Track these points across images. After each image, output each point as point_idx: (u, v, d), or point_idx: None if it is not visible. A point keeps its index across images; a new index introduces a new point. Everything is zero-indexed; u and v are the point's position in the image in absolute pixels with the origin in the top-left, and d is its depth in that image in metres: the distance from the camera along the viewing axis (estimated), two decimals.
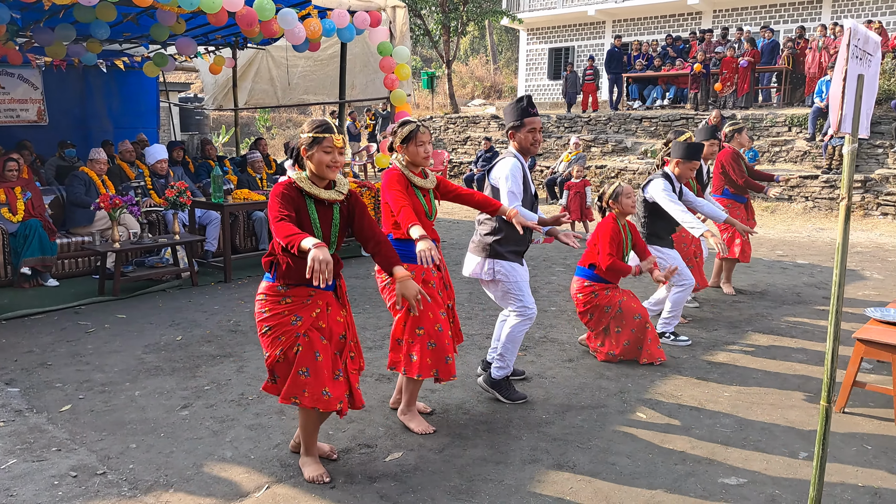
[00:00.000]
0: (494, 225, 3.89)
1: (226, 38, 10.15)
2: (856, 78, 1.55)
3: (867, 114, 1.66)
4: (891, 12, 17.55)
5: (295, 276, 2.93)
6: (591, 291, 4.66)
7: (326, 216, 2.99)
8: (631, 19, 21.96)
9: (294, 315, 2.93)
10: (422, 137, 3.48)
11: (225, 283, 7.04)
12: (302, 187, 2.93)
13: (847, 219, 1.62)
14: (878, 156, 12.10)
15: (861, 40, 1.58)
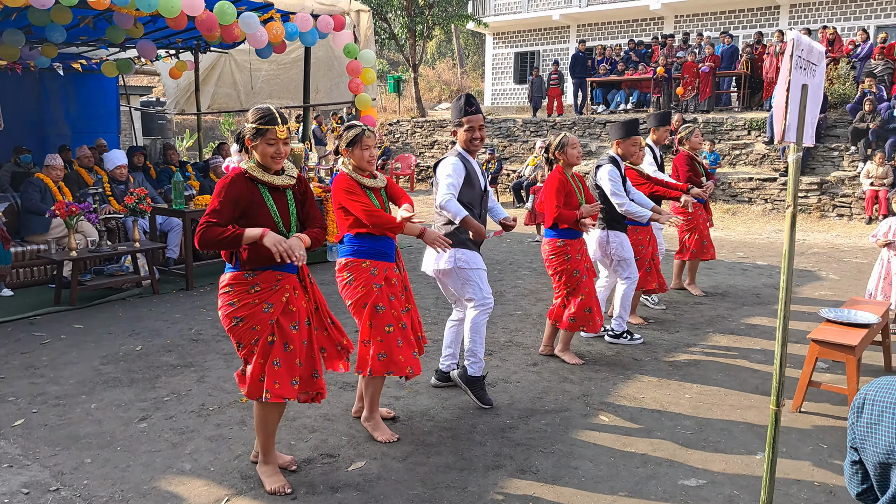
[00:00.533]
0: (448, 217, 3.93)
1: (187, 42, 10.00)
2: (800, 87, 1.59)
3: (812, 122, 1.69)
4: (845, 18, 18.04)
5: (259, 259, 2.92)
6: (564, 253, 4.65)
7: (282, 202, 2.99)
8: (595, 24, 22.21)
9: (265, 303, 2.91)
10: (367, 142, 3.48)
11: (187, 290, 6.92)
12: (255, 176, 2.91)
13: (793, 226, 1.65)
14: (834, 158, 12.42)
15: (805, 50, 1.61)
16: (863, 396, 1.54)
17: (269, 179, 2.94)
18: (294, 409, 3.95)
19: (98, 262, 6.80)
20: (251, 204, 2.90)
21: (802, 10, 18.69)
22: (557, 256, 4.67)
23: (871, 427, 1.49)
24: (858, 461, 1.56)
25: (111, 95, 11.92)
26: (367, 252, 3.49)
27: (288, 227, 3.00)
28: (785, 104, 1.56)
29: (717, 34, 16.91)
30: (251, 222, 2.90)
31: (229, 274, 2.97)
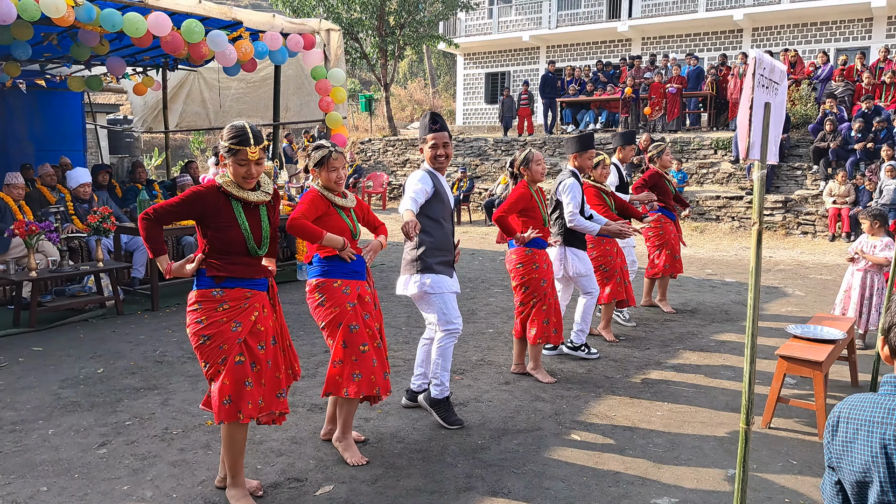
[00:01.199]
0: (417, 241, 3.90)
1: (154, 59, 9.89)
2: (763, 106, 1.60)
3: (775, 140, 1.71)
4: (805, 42, 18.57)
5: (230, 272, 2.89)
6: (532, 262, 4.63)
7: (254, 218, 2.95)
8: (564, 45, 22.55)
9: (234, 321, 2.87)
10: (333, 163, 3.43)
11: (152, 311, 6.77)
12: (230, 191, 2.88)
13: (759, 243, 1.66)
14: (798, 177, 12.70)
15: (766, 69, 1.63)
16: (837, 415, 1.53)
17: (244, 195, 2.91)
18: (260, 433, 3.85)
19: (59, 282, 6.63)
20: (221, 218, 2.86)
21: (765, 34, 19.20)
22: (525, 265, 4.65)
23: (846, 446, 1.48)
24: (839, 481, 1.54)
25: (76, 113, 11.69)
26: (338, 271, 3.42)
27: (259, 244, 2.96)
28: (748, 122, 1.57)
29: (683, 56, 17.27)
30: (220, 235, 2.87)
31: (197, 291, 2.91)
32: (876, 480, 1.40)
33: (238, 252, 2.91)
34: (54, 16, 6.08)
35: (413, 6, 18.76)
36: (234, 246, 2.89)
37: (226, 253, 2.90)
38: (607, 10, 21.73)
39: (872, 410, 1.45)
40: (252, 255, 2.96)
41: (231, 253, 2.90)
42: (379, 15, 18.73)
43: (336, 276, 3.42)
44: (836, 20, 18.16)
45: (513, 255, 4.74)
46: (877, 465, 1.40)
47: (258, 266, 3.02)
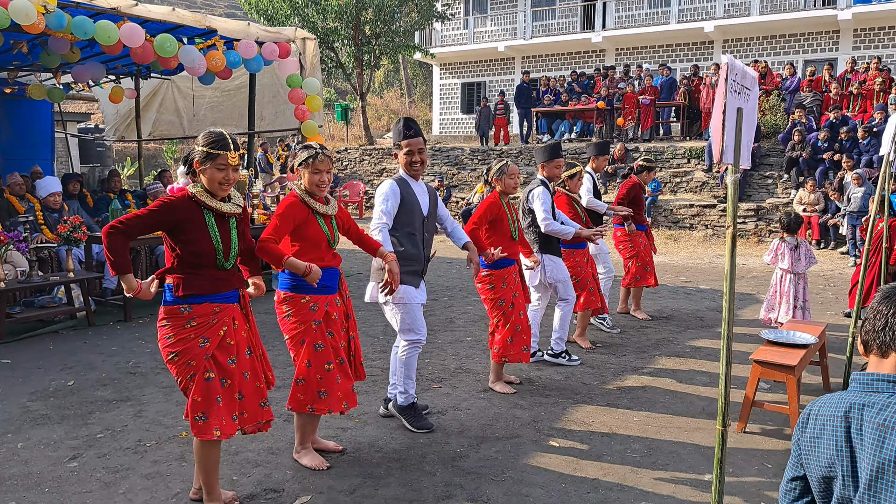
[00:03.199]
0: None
1: (127, 68, 9.78)
2: (735, 111, 1.63)
3: (748, 145, 1.74)
4: (775, 53, 18.95)
5: (197, 286, 2.82)
6: (489, 283, 4.59)
7: (225, 229, 2.90)
8: (539, 56, 22.74)
9: (201, 337, 2.81)
10: (319, 165, 3.34)
11: (125, 322, 6.66)
12: (202, 201, 2.83)
13: (733, 246, 1.68)
14: (769, 186, 12.92)
15: (739, 75, 1.66)
16: (808, 411, 1.56)
17: (217, 206, 2.86)
18: (236, 443, 3.80)
19: (28, 293, 6.49)
20: (192, 228, 2.80)
21: (735, 45, 19.56)
22: (483, 285, 4.63)
23: (813, 441, 1.51)
24: (800, 478, 1.57)
25: (45, 122, 11.49)
26: (307, 286, 3.33)
27: (227, 256, 2.91)
28: (722, 126, 1.60)
29: (656, 66, 17.52)
30: (191, 247, 2.82)
31: (165, 307, 2.86)
32: (839, 474, 1.43)
33: (207, 265, 2.85)
34: (24, 23, 5.98)
35: (389, 16, 18.80)
36: (203, 258, 2.83)
37: (194, 266, 2.83)
38: (581, 21, 21.98)
39: (838, 405, 1.48)
40: (220, 268, 2.89)
41: (200, 266, 2.84)
42: (354, 24, 18.74)
43: (304, 290, 3.35)
44: (804, 32, 18.57)
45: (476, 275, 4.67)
46: (840, 459, 1.43)
47: (227, 279, 2.94)
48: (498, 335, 4.65)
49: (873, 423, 1.39)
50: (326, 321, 3.41)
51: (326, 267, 3.41)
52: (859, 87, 13.26)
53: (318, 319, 3.37)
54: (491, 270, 4.59)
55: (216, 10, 61.17)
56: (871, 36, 17.82)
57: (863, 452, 1.41)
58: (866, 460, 1.39)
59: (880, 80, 13.07)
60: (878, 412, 1.40)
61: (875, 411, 1.40)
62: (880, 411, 1.39)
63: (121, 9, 6.97)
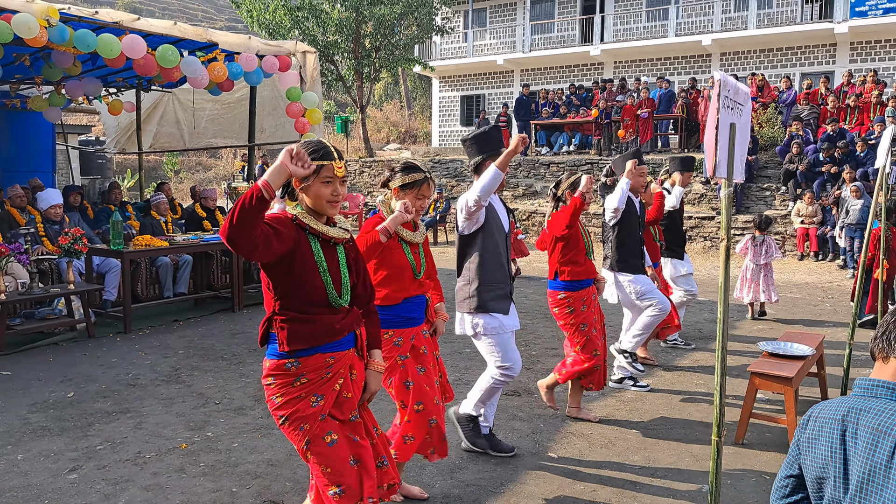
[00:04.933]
0: (469, 275, 3.60)
1: (128, 80, 9.84)
2: (728, 126, 1.66)
3: (741, 159, 1.77)
4: (772, 66, 19.08)
5: (305, 339, 2.34)
6: (567, 306, 4.28)
7: (332, 258, 2.41)
8: (538, 69, 22.88)
9: (313, 395, 2.36)
10: (426, 191, 3.12)
11: (125, 333, 6.67)
12: (307, 224, 2.34)
13: (727, 259, 1.71)
14: (766, 198, 12.97)
15: (731, 91, 1.70)
16: (809, 413, 1.60)
17: (324, 229, 2.36)
18: (236, 455, 3.81)
19: (28, 305, 6.51)
20: (297, 259, 2.31)
21: (732, 58, 19.69)
22: (560, 310, 4.31)
23: (811, 442, 1.54)
24: (793, 476, 1.61)
25: (46, 134, 11.54)
26: (390, 321, 3.07)
27: (340, 291, 2.40)
28: (715, 142, 1.63)
29: (654, 79, 17.62)
30: (295, 284, 2.33)
31: (269, 361, 2.39)
32: (831, 475, 1.46)
33: (317, 305, 2.35)
34: (27, 36, 6.03)
35: (389, 29, 18.93)
36: (311, 297, 2.34)
37: (301, 309, 2.34)
38: (580, 35, 22.13)
39: (838, 409, 1.51)
40: (333, 308, 2.39)
41: (308, 308, 2.34)
42: (354, 38, 18.87)
43: (388, 325, 3.06)
44: (801, 45, 18.71)
45: (548, 298, 4.42)
46: (833, 460, 1.46)
47: (342, 321, 2.43)
48: (575, 356, 4.32)
49: (868, 428, 1.42)
50: (415, 355, 3.13)
51: (410, 297, 3.13)
52: (856, 100, 13.34)
53: (404, 354, 3.11)
54: (568, 293, 4.28)
55: (217, 23, 61.58)
56: (867, 49, 17.95)
57: (855, 456, 1.44)
58: (858, 464, 1.42)
59: (877, 92, 13.15)
60: (873, 417, 1.43)
61: (871, 416, 1.43)
62: (876, 416, 1.42)
63: (123, 23, 7.04)
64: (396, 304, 3.08)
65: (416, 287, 3.16)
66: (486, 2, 23.79)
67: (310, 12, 18.16)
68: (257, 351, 6.03)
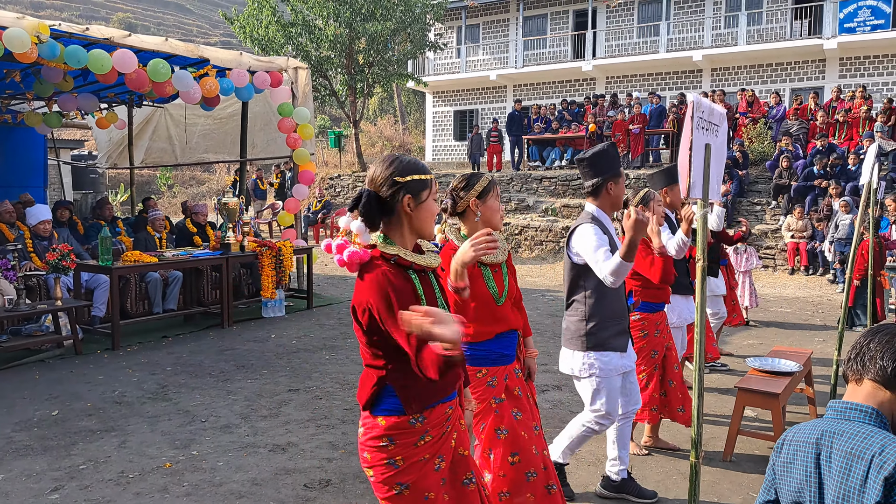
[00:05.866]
0: (584, 310, 3.21)
1: (120, 96, 9.86)
2: (703, 147, 1.67)
3: (717, 179, 1.78)
4: (762, 82, 19.24)
5: (430, 393, 1.97)
6: (641, 328, 3.98)
7: (430, 291, 2.04)
8: (530, 84, 23.01)
9: (437, 457, 2.00)
10: (498, 191, 2.83)
11: (113, 350, 6.62)
12: (410, 261, 1.98)
13: (703, 279, 1.71)
14: (757, 212, 13.03)
15: (706, 112, 1.71)
16: (784, 437, 1.59)
17: (426, 262, 2.02)
18: (221, 474, 3.78)
19: (15, 321, 6.46)
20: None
21: (723, 74, 19.86)
22: (634, 332, 3.88)
23: (786, 466, 1.53)
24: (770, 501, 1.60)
25: (38, 149, 11.52)
26: (484, 357, 2.76)
27: None
28: (689, 163, 1.64)
29: (646, 95, 17.74)
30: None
31: (386, 419, 1.96)
32: (807, 500, 1.45)
33: None
34: (18, 52, 6.04)
35: (382, 45, 19.03)
36: None
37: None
38: (572, 51, 22.30)
39: (811, 432, 1.50)
40: None
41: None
42: (348, 53, 18.95)
43: (480, 363, 2.76)
44: (790, 61, 18.88)
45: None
46: (809, 484, 1.46)
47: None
48: (646, 391, 4.03)
49: (842, 451, 1.42)
50: (509, 398, 2.80)
51: (503, 332, 2.80)
52: (845, 115, 13.46)
53: (499, 397, 2.77)
54: (644, 314, 3.98)
55: (212, 38, 61.81)
56: (856, 64, 18.13)
57: (830, 479, 1.43)
58: (832, 487, 1.42)
59: (865, 108, 13.27)
60: (847, 440, 1.42)
61: (845, 439, 1.43)
62: (849, 439, 1.42)
63: (114, 39, 7.06)
64: (489, 339, 2.76)
65: (507, 319, 2.81)
66: (479, 18, 23.97)
67: (303, 28, 18.25)
68: (246, 368, 6.00)
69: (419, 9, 19.07)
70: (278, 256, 8.07)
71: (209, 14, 66.18)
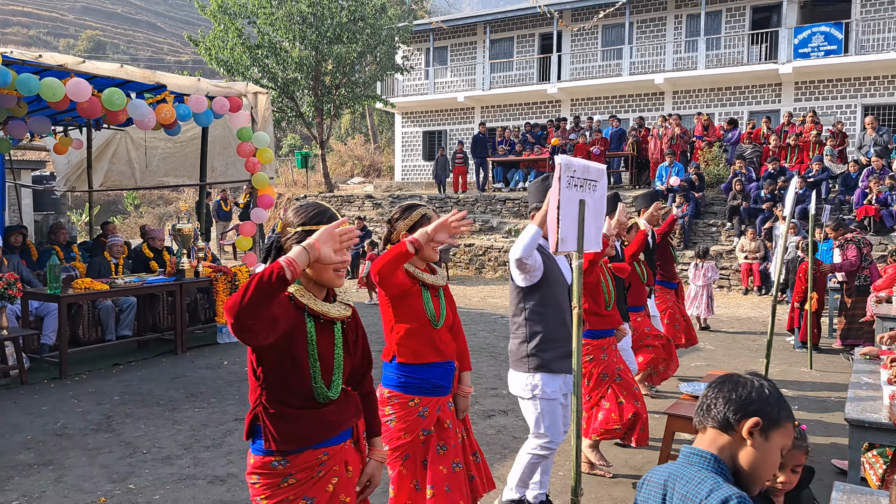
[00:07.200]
0: (526, 332, 3.31)
1: (77, 119, 9.81)
2: (576, 203, 1.78)
3: (597, 230, 1.89)
4: (721, 104, 19.75)
5: (296, 435, 2.02)
6: (587, 354, 4.07)
7: (327, 340, 2.07)
8: (498, 106, 23.33)
9: (303, 498, 2.03)
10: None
11: (60, 379, 6.55)
12: (304, 303, 2.01)
13: (579, 325, 1.81)
14: (713, 233, 13.33)
15: (578, 171, 1.82)
16: (645, 476, 1.69)
17: (323, 309, 2.03)
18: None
19: None
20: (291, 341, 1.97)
21: (684, 97, 20.34)
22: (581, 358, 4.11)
23: None
24: None
25: None
26: (419, 386, 2.78)
27: (328, 380, 2.05)
28: (556, 219, 1.74)
29: (607, 118, 18.09)
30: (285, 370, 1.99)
31: (254, 457, 2.06)
32: None
33: (301, 395, 2.02)
34: None
35: (349, 67, 19.18)
36: (298, 387, 2.01)
37: (291, 402, 2.02)
38: (538, 73, 22.67)
39: (661, 474, 1.60)
40: (322, 401, 2.05)
41: (297, 397, 2.02)
42: (315, 75, 19.06)
43: (414, 391, 2.78)
44: (748, 85, 19.41)
45: None
46: None
47: (338, 410, 2.10)
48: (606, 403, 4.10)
49: (679, 494, 1.52)
50: (438, 430, 2.83)
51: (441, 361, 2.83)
52: (796, 139, 13.87)
53: (428, 429, 2.80)
54: (588, 340, 4.06)
55: (183, 56, 61.39)
56: (811, 88, 18.70)
57: None
58: None
59: (815, 132, 13.70)
60: (684, 484, 1.52)
61: (683, 483, 1.53)
62: (686, 483, 1.52)
63: (68, 66, 7.05)
64: (424, 364, 2.78)
65: (444, 347, 2.84)
66: (447, 40, 24.27)
67: (269, 50, 18.33)
68: (195, 396, 5.99)
69: (385, 31, 19.28)
70: (233, 282, 8.07)
71: (180, 31, 66.07)
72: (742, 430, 1.56)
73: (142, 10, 75.99)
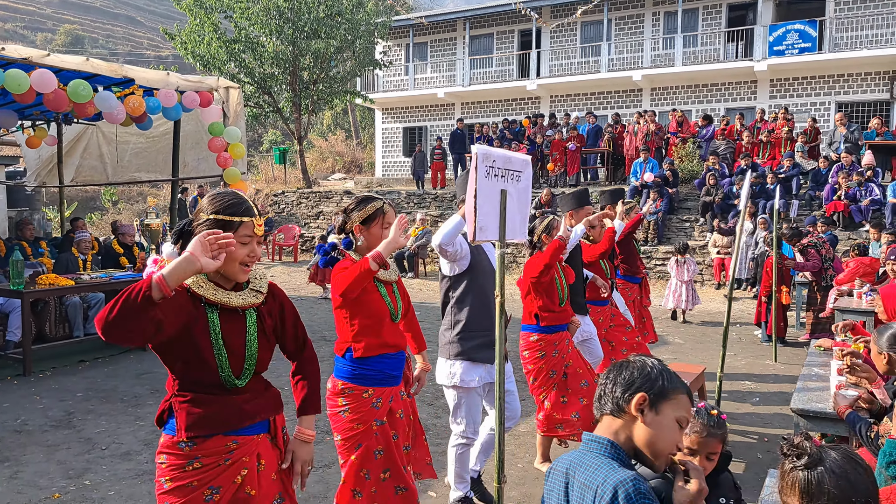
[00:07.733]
0: (451, 319, 3.39)
1: (46, 114, 9.71)
2: (497, 193, 1.80)
3: (522, 220, 1.91)
4: (699, 101, 19.91)
5: (207, 422, 2.01)
6: (539, 349, 4.08)
7: (237, 328, 2.06)
8: (477, 102, 23.35)
9: (207, 487, 2.00)
10: (389, 218, 2.82)
11: (24, 376, 6.49)
12: (202, 295, 2.00)
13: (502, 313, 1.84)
14: (686, 229, 13.45)
15: (498, 161, 1.84)
16: (552, 465, 1.71)
17: (224, 299, 2.02)
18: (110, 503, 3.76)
19: None
20: (191, 333, 1.97)
21: (662, 93, 20.49)
22: (531, 353, 4.11)
23: (548, 493, 1.66)
24: None
25: None
26: (372, 377, 2.81)
27: (238, 371, 2.06)
28: (474, 210, 1.76)
29: (584, 114, 18.18)
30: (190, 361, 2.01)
31: (165, 436, 2.06)
32: None
33: (210, 384, 2.03)
34: None
35: (326, 63, 19.10)
36: (206, 376, 2.02)
37: (202, 391, 2.03)
38: (517, 70, 22.72)
39: (564, 462, 1.63)
40: (230, 388, 2.06)
41: (207, 386, 2.03)
42: (292, 70, 18.96)
43: (367, 382, 2.81)
44: (724, 82, 19.59)
45: (520, 341, 4.21)
46: None
47: (252, 400, 2.11)
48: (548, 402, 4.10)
49: (579, 482, 1.54)
50: (391, 420, 2.86)
51: (392, 352, 2.88)
52: (768, 136, 14.03)
53: (381, 419, 2.82)
54: (541, 335, 4.07)
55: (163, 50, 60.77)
56: (786, 86, 18.91)
57: None
58: None
59: (787, 129, 13.86)
60: (583, 471, 1.55)
61: (582, 470, 1.56)
62: (584, 470, 1.55)
63: (32, 59, 6.98)
64: (378, 356, 2.82)
65: (398, 337, 2.92)
66: (426, 36, 24.25)
67: (246, 45, 18.20)
68: (160, 392, 5.96)
69: (364, 27, 19.22)
70: None
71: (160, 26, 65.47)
72: (630, 408, 1.59)
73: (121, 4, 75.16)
